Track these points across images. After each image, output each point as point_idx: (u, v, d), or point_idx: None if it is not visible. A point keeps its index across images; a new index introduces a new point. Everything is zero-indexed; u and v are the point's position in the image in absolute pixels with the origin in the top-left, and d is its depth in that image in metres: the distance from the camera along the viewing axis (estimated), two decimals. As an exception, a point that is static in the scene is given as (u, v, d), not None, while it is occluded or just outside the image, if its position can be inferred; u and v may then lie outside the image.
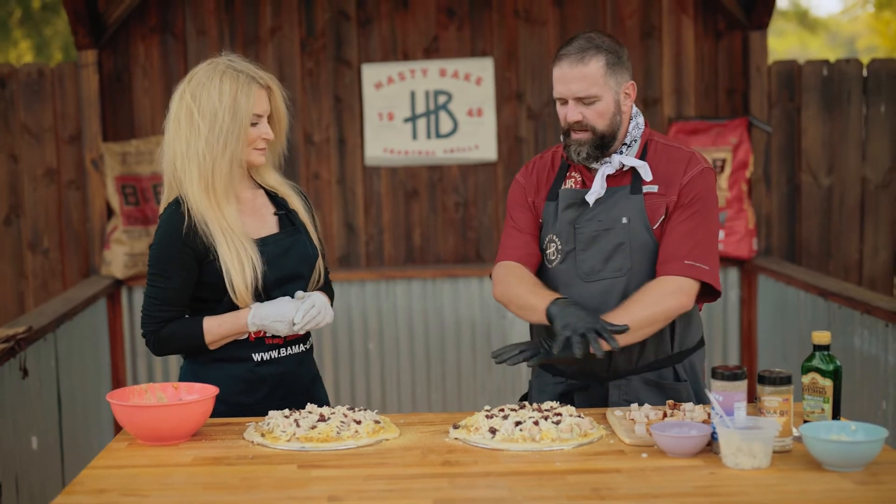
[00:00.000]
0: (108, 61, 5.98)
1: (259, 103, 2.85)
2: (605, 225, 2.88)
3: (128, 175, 5.86)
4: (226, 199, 2.83)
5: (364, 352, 6.04)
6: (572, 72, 2.83)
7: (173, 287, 2.84)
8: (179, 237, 2.81)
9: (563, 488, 2.20)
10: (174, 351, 2.92)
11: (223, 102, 2.80)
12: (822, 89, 6.03)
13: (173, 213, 2.84)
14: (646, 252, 2.88)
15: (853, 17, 24.60)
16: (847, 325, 4.64)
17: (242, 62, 2.87)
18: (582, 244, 2.90)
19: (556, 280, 2.94)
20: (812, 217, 6.08)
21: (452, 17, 6.05)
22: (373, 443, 2.55)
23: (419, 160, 6.09)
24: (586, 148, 2.86)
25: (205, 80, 2.82)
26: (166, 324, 2.87)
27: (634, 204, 2.88)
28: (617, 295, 2.87)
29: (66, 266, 6.02)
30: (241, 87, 2.82)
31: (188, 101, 2.82)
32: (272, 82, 2.90)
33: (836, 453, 2.24)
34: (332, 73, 6.06)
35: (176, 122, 2.84)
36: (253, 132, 2.85)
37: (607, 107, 2.85)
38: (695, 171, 2.88)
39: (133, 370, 5.97)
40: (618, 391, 2.92)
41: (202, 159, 2.79)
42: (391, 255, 6.16)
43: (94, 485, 2.28)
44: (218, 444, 2.57)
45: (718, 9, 6.02)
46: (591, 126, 2.85)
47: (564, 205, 2.94)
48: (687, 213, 2.86)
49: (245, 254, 2.80)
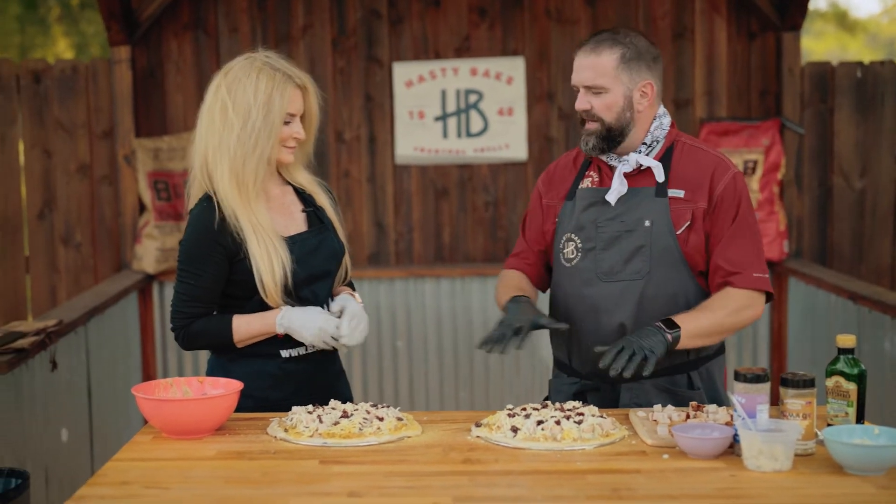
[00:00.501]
0: (141, 57, 6.03)
1: (293, 103, 2.85)
2: (627, 226, 2.88)
3: (160, 171, 5.90)
4: (256, 195, 2.84)
5: (392, 350, 6.06)
6: (585, 61, 2.88)
7: (203, 284, 2.85)
8: (210, 234, 2.82)
9: (582, 488, 2.20)
10: (203, 347, 2.94)
11: (258, 100, 2.81)
12: (856, 91, 5.98)
13: (204, 210, 2.84)
14: (667, 256, 2.87)
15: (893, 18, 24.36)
16: (877, 330, 4.61)
17: (280, 60, 2.88)
18: (603, 243, 2.90)
19: (574, 278, 2.94)
20: (844, 220, 6.03)
21: (484, 17, 6.05)
22: (395, 440, 2.56)
23: (449, 159, 6.10)
24: (593, 138, 2.89)
25: (241, 76, 2.83)
26: (195, 320, 2.88)
27: (659, 207, 2.87)
28: (633, 297, 2.87)
29: (98, 260, 6.08)
30: (277, 85, 2.82)
31: (223, 95, 2.82)
32: (308, 82, 2.91)
33: (858, 457, 2.23)
34: (363, 72, 6.08)
35: (210, 114, 2.85)
36: (285, 131, 2.86)
37: (615, 100, 2.86)
38: (727, 178, 2.87)
39: (164, 364, 6.02)
40: (629, 394, 2.91)
41: (233, 155, 2.80)
42: (420, 253, 6.17)
43: (118, 477, 2.31)
44: (241, 439, 2.59)
45: (751, 10, 5.99)
46: (599, 117, 2.87)
47: (586, 203, 2.94)
48: (735, 223, 2.87)
49: (275, 252, 2.81)
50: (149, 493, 2.21)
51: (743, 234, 2.87)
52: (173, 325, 2.91)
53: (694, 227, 2.86)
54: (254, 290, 2.84)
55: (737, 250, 2.86)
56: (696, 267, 2.90)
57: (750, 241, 2.88)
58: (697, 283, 2.91)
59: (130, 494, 2.20)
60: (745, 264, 2.86)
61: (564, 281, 2.97)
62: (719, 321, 2.83)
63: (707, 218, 2.86)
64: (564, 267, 2.97)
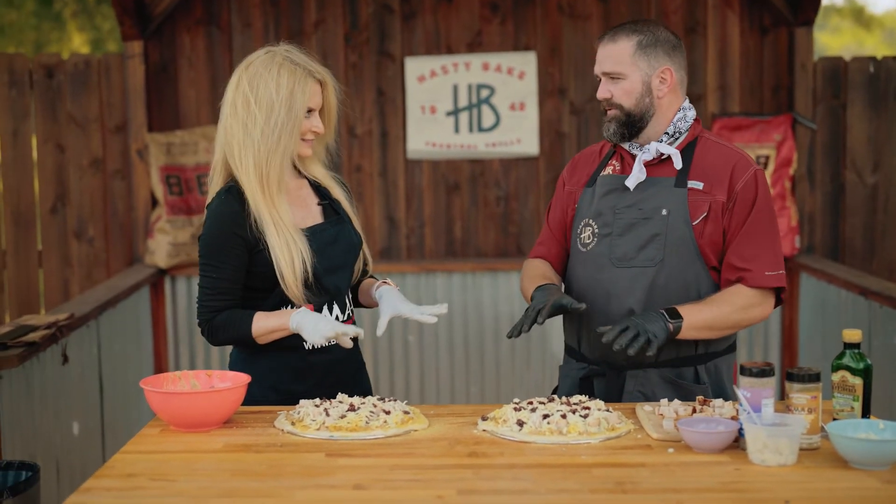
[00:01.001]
0: (154, 52, 6.06)
1: (313, 97, 2.88)
2: (644, 214, 2.91)
3: (172, 165, 5.93)
4: (278, 191, 2.86)
5: (404, 344, 6.07)
6: (604, 49, 2.94)
7: (225, 276, 2.86)
8: (229, 226, 2.84)
9: (586, 481, 2.20)
10: (226, 341, 2.92)
11: (280, 95, 2.83)
12: (869, 86, 5.96)
13: (222, 203, 2.86)
14: (681, 246, 2.88)
15: (909, 13, 24.22)
16: (888, 324, 4.60)
17: (300, 54, 2.90)
18: (619, 229, 2.92)
19: (589, 263, 2.97)
20: (856, 215, 6.01)
21: (496, 12, 6.05)
22: (401, 433, 2.57)
23: (461, 154, 6.10)
24: (614, 124, 2.94)
25: (262, 70, 2.84)
26: (219, 313, 2.88)
27: (677, 197, 2.89)
28: (644, 284, 2.89)
29: (111, 255, 6.10)
30: (298, 80, 2.85)
31: (245, 89, 2.84)
32: (327, 76, 2.93)
33: (863, 451, 2.23)
34: (375, 67, 6.09)
35: (232, 108, 2.86)
36: (304, 124, 2.88)
37: (633, 86, 2.90)
38: (748, 175, 2.89)
39: (175, 358, 6.04)
40: (634, 381, 2.93)
41: (258, 150, 2.83)
42: (432, 248, 6.18)
43: (124, 469, 2.32)
44: (249, 432, 2.60)
45: (764, 5, 5.97)
46: (619, 104, 2.92)
47: (605, 190, 2.98)
48: (753, 219, 2.88)
49: (295, 246, 2.83)
50: (155, 485, 2.22)
51: (759, 231, 2.88)
52: (199, 320, 2.92)
53: (710, 219, 2.88)
54: (275, 283, 2.85)
55: (751, 247, 2.87)
56: (709, 260, 2.90)
57: (766, 239, 2.88)
58: (710, 277, 2.91)
59: (136, 487, 2.21)
60: (757, 262, 2.87)
61: (579, 266, 3.00)
62: (724, 316, 2.85)
63: (725, 212, 2.88)
64: (580, 252, 3.00)
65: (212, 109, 6.05)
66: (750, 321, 2.90)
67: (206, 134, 5.97)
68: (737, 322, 2.88)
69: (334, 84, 2.96)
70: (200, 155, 5.95)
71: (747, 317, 2.88)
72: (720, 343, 2.97)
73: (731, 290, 2.88)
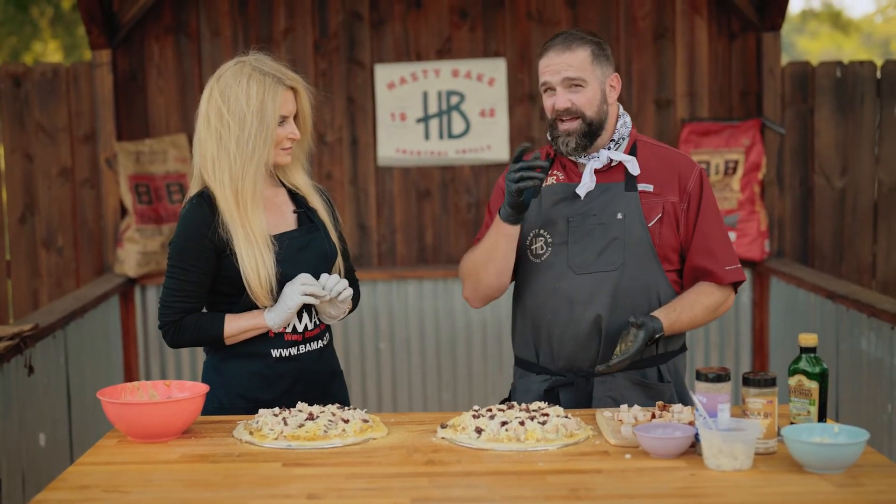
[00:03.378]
0: (123, 61, 6.03)
1: (285, 104, 2.89)
2: (600, 220, 2.92)
3: (141, 174, 5.90)
4: (253, 202, 2.87)
5: (375, 351, 6.06)
6: (560, 58, 2.90)
7: (192, 279, 2.88)
8: (199, 230, 2.86)
9: (541, 488, 2.20)
10: (189, 342, 2.94)
11: (251, 107, 2.84)
12: (836, 91, 5.99)
13: (194, 207, 2.89)
14: (639, 248, 2.91)
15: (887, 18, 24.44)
16: (855, 328, 4.62)
17: (270, 62, 2.91)
18: (575, 237, 2.93)
19: (545, 273, 2.96)
20: (825, 219, 6.04)
21: (465, 18, 6.06)
22: (359, 441, 2.56)
23: (431, 160, 6.10)
24: (575, 137, 2.91)
25: (232, 82, 2.86)
26: (185, 315, 2.91)
27: (630, 200, 2.92)
28: (608, 289, 2.90)
29: (81, 264, 6.07)
30: (268, 90, 2.85)
31: (217, 101, 2.86)
32: (298, 83, 2.93)
33: (817, 455, 2.24)
34: (344, 74, 6.08)
35: (206, 120, 2.89)
36: (280, 132, 2.89)
37: (595, 94, 2.91)
38: (695, 174, 2.97)
39: (146, 368, 6.01)
40: (603, 387, 2.93)
41: (232, 163, 2.84)
42: (403, 255, 6.17)
43: (78, 481, 2.31)
44: (206, 442, 2.59)
45: (732, 10, 5.99)
46: (581, 112, 2.90)
47: (555, 199, 2.98)
48: (708, 217, 2.95)
49: (261, 259, 2.84)
50: (108, 496, 2.21)
51: (714, 228, 2.96)
52: (161, 322, 2.93)
53: (665, 220, 2.92)
54: (243, 288, 2.86)
55: (710, 246, 2.95)
56: (665, 261, 2.94)
57: (720, 234, 2.97)
58: (666, 278, 2.95)
59: (89, 499, 2.20)
60: (719, 260, 2.94)
61: (533, 277, 2.99)
62: (697, 318, 2.95)
63: (679, 213, 2.93)
64: (533, 263, 2.99)
65: (181, 118, 6.03)
66: (716, 318, 3.03)
67: (176, 142, 5.95)
68: (705, 321, 2.98)
69: (307, 90, 2.97)
70: (170, 164, 5.93)
71: (716, 315, 2.99)
72: (676, 342, 3.02)
73: (698, 291, 2.95)
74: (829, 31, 24.34)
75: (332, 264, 3.03)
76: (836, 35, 24.99)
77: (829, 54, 21.25)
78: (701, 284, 2.96)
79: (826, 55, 21.03)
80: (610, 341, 2.88)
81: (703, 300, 2.94)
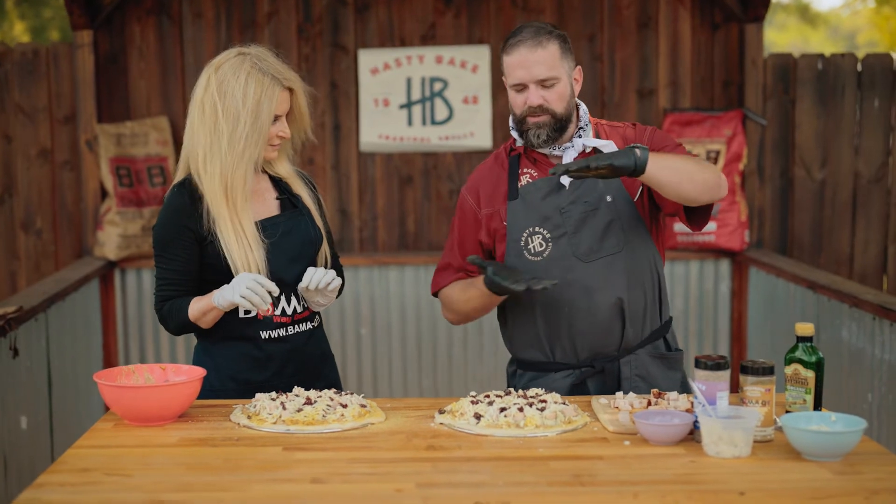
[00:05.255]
0: (104, 42, 5.98)
1: (280, 105, 2.88)
2: (591, 205, 2.94)
3: (122, 157, 5.86)
4: (243, 198, 2.87)
5: (356, 337, 6.05)
6: (533, 56, 2.87)
7: (175, 267, 2.89)
8: (179, 219, 2.86)
9: (544, 474, 2.21)
10: (177, 329, 2.94)
11: (246, 106, 2.82)
12: (817, 83, 6.04)
13: (174, 196, 2.89)
14: (636, 225, 2.95)
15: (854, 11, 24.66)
16: (835, 318, 4.66)
17: (269, 58, 2.89)
18: (573, 227, 2.94)
19: (551, 268, 2.95)
20: (804, 210, 6.09)
21: (449, 5, 6.05)
22: (358, 426, 2.57)
23: (414, 147, 6.09)
24: (546, 130, 2.91)
25: (230, 76, 2.84)
26: (168, 302, 2.92)
27: (613, 182, 2.95)
28: (620, 270, 2.93)
29: (59, 247, 6.03)
30: (266, 90, 2.84)
31: (213, 94, 2.84)
32: (295, 83, 2.92)
33: (816, 443, 2.26)
34: (328, 59, 6.06)
35: (200, 111, 2.86)
36: (271, 130, 2.89)
37: (565, 89, 2.92)
38: (649, 130, 2.99)
39: (125, 352, 5.98)
40: (629, 367, 2.98)
41: (224, 159, 2.83)
42: (385, 241, 6.17)
43: (78, 464, 2.30)
44: (204, 426, 2.59)
45: (715, 1, 6.02)
46: (551, 109, 2.90)
47: (541, 195, 2.97)
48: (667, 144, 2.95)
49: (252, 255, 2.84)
50: (110, 479, 2.20)
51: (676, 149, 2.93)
52: (155, 309, 2.97)
53: (644, 190, 2.97)
54: (228, 275, 2.86)
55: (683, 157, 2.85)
56: (652, 232, 2.99)
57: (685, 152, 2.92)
58: (657, 251, 3.02)
59: (91, 481, 2.19)
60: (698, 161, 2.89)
61: (540, 273, 2.95)
62: (685, 160, 2.79)
63: None
64: (532, 262, 2.97)
65: (162, 101, 5.99)
66: (706, 180, 2.81)
67: (157, 125, 5.91)
68: (696, 171, 2.79)
69: (304, 90, 2.96)
70: (151, 146, 5.89)
71: (705, 171, 2.81)
72: (665, 312, 3.06)
73: None
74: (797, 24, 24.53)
75: (318, 249, 3.03)
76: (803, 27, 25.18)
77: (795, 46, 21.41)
78: None
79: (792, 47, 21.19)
80: (634, 322, 2.92)
81: (694, 158, 2.84)
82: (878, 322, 4.25)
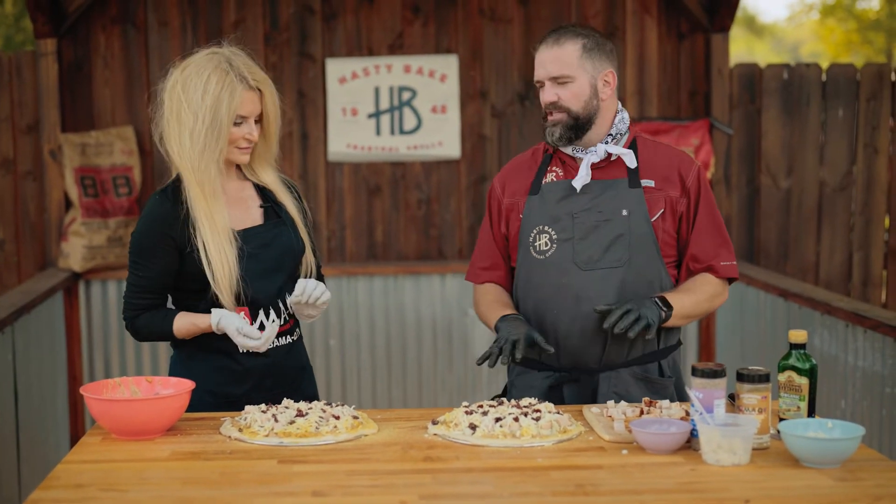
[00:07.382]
0: (68, 51, 5.90)
1: (245, 105, 2.82)
2: (605, 216, 2.94)
3: (87, 167, 5.77)
4: (213, 194, 2.83)
5: (325, 348, 6.01)
6: (549, 53, 2.93)
7: (152, 275, 2.86)
8: (160, 226, 2.83)
9: (547, 484, 2.20)
10: (150, 338, 2.93)
11: (205, 102, 2.79)
12: (783, 93, 6.10)
13: (156, 203, 2.86)
14: (644, 243, 2.94)
15: (798, 23, 25.03)
16: (807, 326, 4.70)
17: (239, 58, 2.85)
18: (580, 233, 2.94)
19: (549, 269, 2.96)
20: (771, 219, 6.15)
21: (417, 14, 6.04)
22: (352, 438, 2.54)
23: (382, 156, 6.07)
24: (559, 128, 2.93)
25: (193, 74, 2.81)
26: (144, 311, 2.89)
27: (634, 196, 2.95)
28: (614, 284, 2.91)
29: (22, 258, 5.93)
30: (226, 87, 2.80)
31: (178, 92, 2.82)
32: (264, 85, 2.87)
33: (815, 450, 2.27)
34: (295, 68, 6.02)
35: (168, 108, 2.84)
36: (235, 132, 2.83)
37: (581, 89, 2.92)
38: (695, 170, 3.00)
39: (90, 365, 5.88)
40: (608, 383, 2.95)
41: (190, 152, 2.81)
42: (353, 251, 6.14)
43: (72, 479, 2.25)
44: (194, 439, 2.55)
45: (681, 11, 6.06)
46: (566, 107, 2.92)
47: (558, 196, 2.98)
48: (707, 212, 2.99)
49: (224, 253, 2.80)
50: (106, 495, 2.16)
51: (714, 223, 3.00)
52: (123, 316, 2.93)
53: (666, 215, 2.96)
54: (206, 285, 2.83)
55: (709, 239, 2.99)
56: (666, 256, 2.98)
57: (720, 230, 3.01)
58: (667, 272, 2.99)
59: (87, 497, 2.14)
60: (717, 254, 2.99)
61: (536, 273, 2.98)
62: (699, 304, 2.96)
63: (680, 207, 2.96)
64: (535, 259, 2.98)
65: (127, 110, 5.92)
66: (714, 308, 3.06)
67: (122, 135, 5.84)
68: (706, 310, 3.01)
69: (273, 92, 2.91)
70: (116, 156, 5.82)
71: (714, 305, 3.02)
72: (673, 337, 3.04)
73: (700, 280, 2.98)
74: (743, 34, 24.87)
75: (299, 260, 3.00)
76: (750, 38, 25.51)
77: (741, 57, 21.72)
78: (700, 275, 2.99)
79: (738, 57, 21.48)
80: (616, 337, 2.89)
81: (706, 288, 2.97)
82: (851, 329, 4.29)
